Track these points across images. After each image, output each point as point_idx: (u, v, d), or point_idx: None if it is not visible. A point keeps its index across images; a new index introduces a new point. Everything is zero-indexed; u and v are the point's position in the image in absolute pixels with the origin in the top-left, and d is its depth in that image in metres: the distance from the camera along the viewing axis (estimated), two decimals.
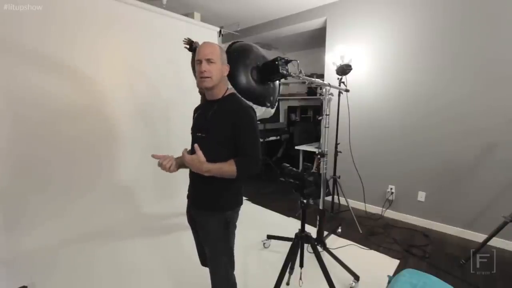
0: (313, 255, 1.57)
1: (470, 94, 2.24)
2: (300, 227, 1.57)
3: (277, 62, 1.33)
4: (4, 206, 1.94)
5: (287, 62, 1.40)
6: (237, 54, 1.36)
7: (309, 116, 5.25)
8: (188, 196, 1.23)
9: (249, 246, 2.12)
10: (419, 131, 2.53)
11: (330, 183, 2.76)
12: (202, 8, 3.29)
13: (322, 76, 3.35)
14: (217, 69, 1.07)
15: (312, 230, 1.91)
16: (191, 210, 1.22)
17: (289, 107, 5.55)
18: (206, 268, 1.21)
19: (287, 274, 1.58)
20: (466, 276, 1.80)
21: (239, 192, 1.19)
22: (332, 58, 2.95)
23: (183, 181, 1.21)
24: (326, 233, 2.19)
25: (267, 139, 4.48)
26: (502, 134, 2.12)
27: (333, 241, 2.23)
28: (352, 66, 2.53)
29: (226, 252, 1.16)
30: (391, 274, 1.63)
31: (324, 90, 1.82)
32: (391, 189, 2.75)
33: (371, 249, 2.13)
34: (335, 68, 2.59)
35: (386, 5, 2.63)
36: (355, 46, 2.87)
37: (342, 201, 2.89)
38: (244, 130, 1.06)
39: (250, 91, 1.37)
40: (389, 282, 1.23)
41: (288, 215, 2.76)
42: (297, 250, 1.55)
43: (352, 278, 1.69)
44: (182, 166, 1.12)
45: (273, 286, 1.48)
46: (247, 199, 3.21)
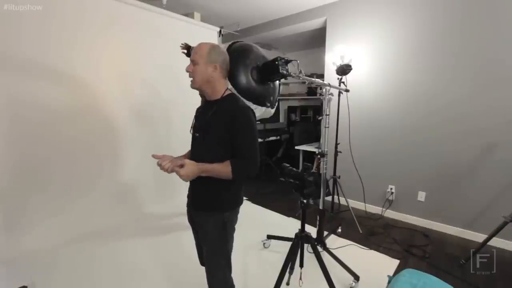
0: (313, 255, 1.57)
1: (470, 94, 2.24)
2: (300, 227, 1.57)
3: (277, 62, 1.33)
4: (4, 206, 1.94)
5: (287, 62, 1.39)
6: (237, 54, 1.36)
7: (309, 116, 5.25)
8: (188, 195, 1.23)
9: (249, 246, 2.12)
10: (419, 131, 2.53)
11: (330, 183, 2.76)
12: (202, 8, 3.29)
13: (322, 76, 3.35)
14: (199, 70, 1.07)
15: (312, 230, 1.91)
16: (191, 210, 1.22)
17: (289, 107, 5.55)
18: None
19: (287, 274, 1.58)
20: (466, 276, 1.80)
21: (238, 192, 1.18)
22: (332, 58, 2.95)
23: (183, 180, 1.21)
24: (326, 233, 2.19)
25: (267, 139, 4.48)
26: (502, 134, 2.12)
27: (333, 241, 2.23)
28: (352, 66, 2.53)
29: (223, 254, 1.15)
30: (391, 274, 1.63)
31: (324, 90, 1.82)
32: (391, 189, 2.75)
33: (371, 249, 2.13)
34: (335, 68, 2.59)
35: (386, 5, 2.63)
36: (355, 46, 2.87)
37: (342, 201, 2.89)
38: (240, 131, 1.05)
39: (250, 91, 1.36)
40: (389, 282, 1.23)
41: (288, 215, 2.76)
42: (297, 250, 1.55)
43: (352, 278, 1.69)
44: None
45: (273, 286, 1.48)
46: (247, 199, 3.21)
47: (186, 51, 2.06)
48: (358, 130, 2.88)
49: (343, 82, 2.62)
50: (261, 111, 1.46)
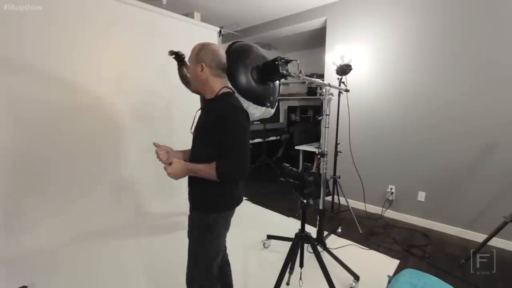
0: (313, 255, 1.57)
1: (470, 94, 2.24)
2: (300, 227, 1.57)
3: (277, 62, 1.32)
4: (4, 205, 1.94)
5: (287, 62, 1.39)
6: (237, 54, 1.35)
7: (309, 116, 5.26)
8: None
9: (249, 246, 2.11)
10: (419, 131, 2.53)
11: (330, 183, 2.76)
12: (202, 8, 3.29)
13: (322, 76, 3.35)
14: (191, 71, 1.11)
15: (312, 230, 1.91)
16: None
17: (289, 107, 5.55)
18: None
19: (287, 274, 1.58)
20: (466, 276, 1.80)
21: (230, 195, 1.12)
22: (332, 58, 2.95)
23: (184, 180, 1.21)
24: (326, 233, 2.19)
25: (267, 139, 4.48)
26: (502, 135, 2.12)
27: (333, 241, 2.23)
28: (352, 66, 2.53)
29: (203, 259, 1.10)
30: (391, 274, 1.63)
31: (324, 90, 1.82)
32: (391, 189, 2.75)
33: (371, 249, 2.13)
34: (335, 68, 2.59)
35: (386, 5, 2.63)
36: (355, 46, 2.87)
37: (342, 201, 2.89)
38: (226, 131, 1.00)
39: (250, 91, 1.36)
40: (389, 282, 1.23)
41: (288, 215, 2.76)
42: (297, 250, 1.55)
43: (352, 278, 1.69)
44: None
45: (273, 286, 1.48)
46: (247, 199, 3.21)
47: (174, 56, 2.03)
48: (358, 130, 2.88)
49: (343, 82, 2.62)
50: (261, 111, 1.46)
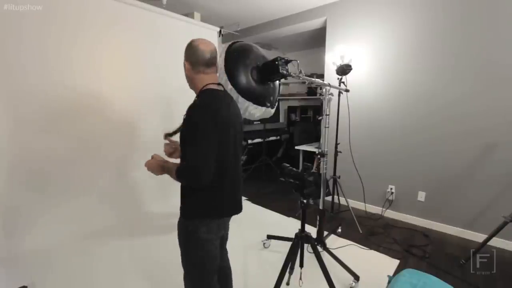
0: (313, 255, 1.57)
1: (470, 94, 2.24)
2: (300, 227, 1.57)
3: (277, 62, 1.33)
4: (4, 205, 1.94)
5: (287, 62, 1.39)
6: (237, 54, 1.36)
7: (309, 116, 5.26)
8: None
9: (249, 246, 2.11)
10: (419, 131, 2.53)
11: (330, 183, 2.76)
12: (202, 8, 3.29)
13: (322, 76, 3.35)
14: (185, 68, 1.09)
15: (312, 230, 1.91)
16: None
17: (289, 107, 5.55)
18: None
19: (287, 274, 1.58)
20: (466, 276, 1.80)
21: (207, 202, 1.02)
22: (332, 58, 2.95)
23: None
24: (326, 233, 2.18)
25: (267, 139, 4.49)
26: (501, 135, 2.12)
27: (333, 241, 2.23)
28: (352, 66, 2.53)
29: (190, 264, 1.07)
30: (391, 274, 1.63)
31: (324, 90, 1.82)
32: (391, 189, 2.75)
33: (371, 249, 2.13)
34: (335, 68, 2.59)
35: (386, 5, 2.63)
36: (355, 46, 2.87)
37: (342, 201, 2.89)
38: (187, 132, 0.95)
39: (250, 91, 1.37)
40: (389, 282, 1.23)
41: (288, 215, 2.76)
42: (297, 250, 1.55)
43: (352, 278, 1.69)
44: None
45: (273, 286, 1.48)
46: (247, 199, 3.21)
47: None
48: (358, 130, 2.88)
49: (343, 82, 2.62)
50: (261, 111, 1.46)
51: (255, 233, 2.25)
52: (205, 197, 1.02)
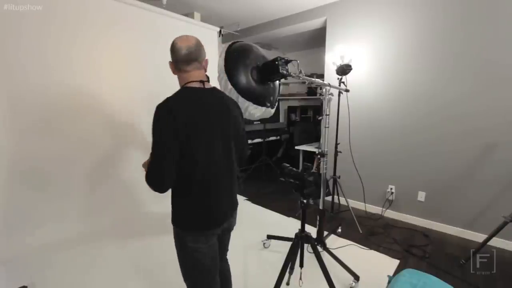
0: (313, 255, 1.57)
1: (470, 94, 2.24)
2: (300, 227, 1.57)
3: (277, 62, 1.33)
4: (4, 206, 1.94)
5: (287, 62, 1.40)
6: (237, 54, 1.36)
7: (309, 116, 5.25)
8: None
9: (249, 246, 2.12)
10: (419, 131, 2.53)
11: (330, 183, 2.76)
12: (202, 8, 3.29)
13: (322, 76, 3.35)
14: None
15: (312, 230, 1.91)
16: None
17: (289, 107, 5.55)
18: None
19: (287, 274, 1.58)
20: (466, 276, 1.80)
21: (183, 212, 0.97)
22: (332, 58, 2.95)
23: None
24: (326, 233, 2.18)
25: (267, 139, 4.48)
26: (501, 135, 2.12)
27: (333, 241, 2.23)
28: (352, 66, 2.53)
29: (183, 270, 1.05)
30: (391, 274, 1.63)
31: (324, 90, 1.82)
32: (391, 189, 2.75)
33: (371, 249, 2.13)
34: (335, 68, 2.59)
35: (387, 5, 2.63)
36: (355, 46, 2.87)
37: (342, 201, 2.89)
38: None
39: (250, 91, 1.37)
40: (389, 282, 1.23)
41: (288, 215, 2.76)
42: (297, 250, 1.55)
43: (352, 278, 1.69)
44: None
45: (273, 286, 1.48)
46: (247, 199, 3.21)
47: None
48: (358, 130, 2.88)
49: (343, 82, 2.62)
50: (261, 111, 1.46)
51: (255, 233, 2.26)
52: (180, 206, 0.98)
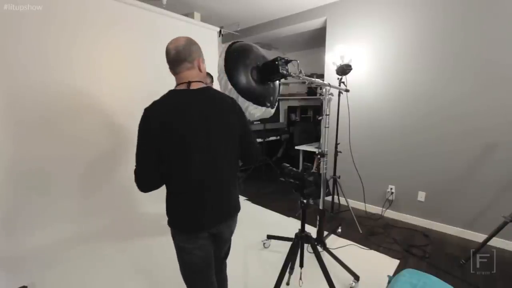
0: (313, 255, 1.57)
1: (470, 94, 2.24)
2: (300, 227, 1.57)
3: (277, 62, 1.33)
4: (4, 206, 1.94)
5: (287, 62, 1.39)
6: (237, 54, 1.35)
7: (309, 116, 5.25)
8: None
9: (249, 246, 2.12)
10: (419, 131, 2.53)
11: (330, 183, 2.76)
12: (202, 8, 3.29)
13: (322, 76, 3.35)
14: None
15: (312, 230, 1.91)
16: None
17: (289, 107, 5.55)
18: None
19: (287, 274, 1.58)
20: (466, 276, 1.80)
21: (173, 213, 0.99)
22: (332, 58, 2.94)
23: None
24: (326, 233, 2.18)
25: (267, 139, 4.48)
26: (502, 134, 2.12)
27: (333, 241, 2.23)
28: (352, 66, 2.53)
29: (181, 274, 1.06)
30: (391, 274, 1.63)
31: (324, 90, 1.82)
32: (391, 189, 2.75)
33: (371, 249, 2.13)
34: (335, 68, 2.59)
35: (386, 5, 2.63)
36: (355, 46, 2.87)
37: (342, 201, 2.89)
38: None
39: (250, 91, 1.36)
40: (389, 282, 1.23)
41: (288, 215, 2.76)
42: (297, 250, 1.55)
43: (352, 278, 1.69)
44: None
45: (273, 286, 1.48)
46: (247, 199, 3.21)
47: None
48: (358, 130, 2.88)
49: (343, 82, 2.62)
50: (261, 111, 1.46)
51: (255, 233, 2.26)
52: (169, 205, 1.01)
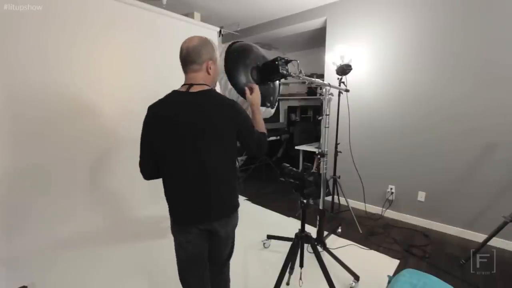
0: (313, 255, 1.57)
1: (470, 94, 2.24)
2: (300, 227, 1.57)
3: (277, 62, 1.33)
4: (4, 206, 1.94)
5: (287, 62, 1.39)
6: (237, 54, 1.36)
7: (309, 116, 5.25)
8: None
9: (249, 246, 2.12)
10: (419, 131, 2.53)
11: (330, 183, 2.76)
12: (202, 8, 3.29)
13: (322, 76, 3.35)
14: None
15: (312, 230, 1.91)
16: None
17: (289, 107, 5.55)
18: None
19: (287, 274, 1.58)
20: (466, 276, 1.80)
21: (169, 202, 1.08)
22: (332, 58, 2.95)
23: None
24: (326, 233, 2.18)
25: (267, 139, 4.48)
26: (502, 134, 2.12)
27: (333, 241, 2.23)
28: (352, 66, 2.53)
29: (177, 267, 1.11)
30: (391, 274, 1.63)
31: (324, 90, 1.82)
32: (391, 189, 2.75)
33: (371, 249, 2.13)
34: (335, 68, 2.59)
35: (387, 5, 2.63)
36: (355, 46, 2.87)
37: (342, 201, 2.89)
38: None
39: None
40: (389, 282, 1.23)
41: (288, 215, 2.76)
42: (297, 250, 1.55)
43: (352, 278, 1.69)
44: None
45: (273, 286, 1.48)
46: (247, 199, 3.21)
47: None
48: (358, 130, 2.88)
49: (343, 82, 2.62)
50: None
51: (255, 233, 2.26)
52: (167, 195, 1.10)
